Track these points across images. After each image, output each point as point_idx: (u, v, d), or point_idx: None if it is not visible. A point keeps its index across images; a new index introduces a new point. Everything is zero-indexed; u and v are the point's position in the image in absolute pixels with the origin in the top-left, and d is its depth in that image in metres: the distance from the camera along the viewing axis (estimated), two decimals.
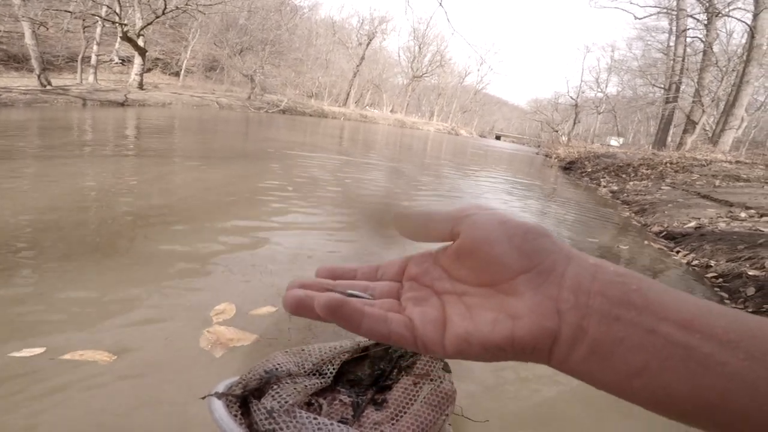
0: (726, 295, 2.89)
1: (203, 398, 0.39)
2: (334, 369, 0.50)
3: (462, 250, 0.26)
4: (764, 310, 2.50)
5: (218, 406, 0.37)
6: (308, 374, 0.47)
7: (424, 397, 0.51)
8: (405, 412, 0.49)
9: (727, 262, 3.38)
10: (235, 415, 0.38)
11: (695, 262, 3.63)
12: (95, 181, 3.52)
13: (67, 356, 1.35)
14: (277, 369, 0.45)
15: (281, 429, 0.35)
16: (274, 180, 4.49)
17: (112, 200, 3.05)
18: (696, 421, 0.21)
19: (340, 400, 0.46)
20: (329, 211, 3.64)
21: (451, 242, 0.27)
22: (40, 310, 1.61)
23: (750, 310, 2.57)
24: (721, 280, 3.16)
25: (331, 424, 0.36)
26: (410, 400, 0.50)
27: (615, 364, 0.21)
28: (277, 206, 3.50)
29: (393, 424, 0.46)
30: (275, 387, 0.41)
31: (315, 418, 0.37)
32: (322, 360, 0.49)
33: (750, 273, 2.99)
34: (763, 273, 2.94)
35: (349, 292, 0.27)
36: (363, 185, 5.16)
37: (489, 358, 0.24)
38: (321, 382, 0.47)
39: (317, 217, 3.41)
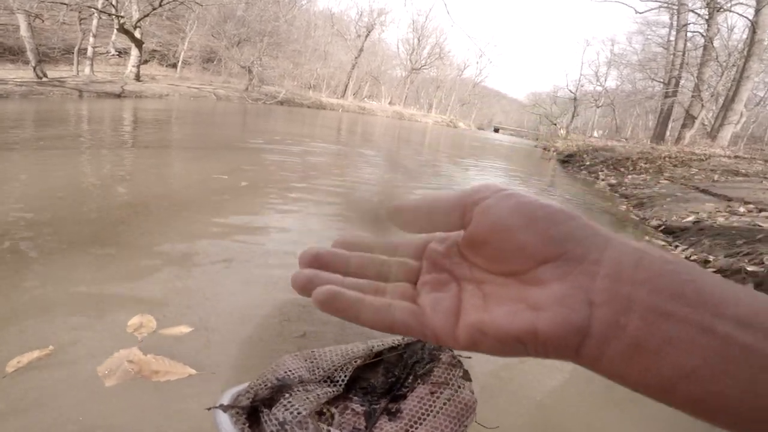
0: None
1: (208, 409, 0.38)
2: (345, 376, 0.47)
3: (475, 238, 0.23)
4: None
5: (224, 419, 0.35)
6: (320, 381, 0.45)
7: (442, 407, 0.47)
8: (420, 424, 0.46)
9: (725, 257, 3.40)
10: (242, 428, 0.37)
11: (694, 257, 3.64)
12: (88, 173, 3.50)
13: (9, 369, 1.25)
14: (288, 376, 0.43)
15: None
16: (267, 174, 4.48)
17: (97, 193, 3.03)
18: (750, 430, 0.18)
19: (353, 410, 0.44)
20: (321, 211, 3.63)
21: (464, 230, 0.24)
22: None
23: None
24: (719, 275, 3.17)
25: None
26: (427, 411, 0.47)
27: (659, 366, 0.18)
28: (269, 202, 3.50)
29: None
30: (287, 396, 0.39)
31: (329, 430, 0.36)
32: (334, 366, 0.47)
33: (749, 269, 3.00)
34: (762, 269, 2.95)
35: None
36: (358, 181, 5.15)
37: (507, 352, 0.21)
38: (333, 391, 0.45)
39: (309, 216, 3.41)
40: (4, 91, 9.22)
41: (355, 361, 0.51)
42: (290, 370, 0.44)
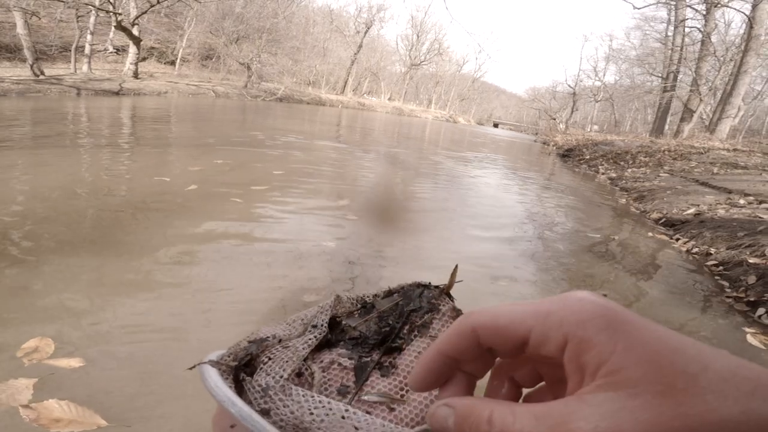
0: (727, 284, 2.92)
1: (192, 368, 0.33)
2: (326, 317, 0.41)
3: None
4: (765, 299, 2.53)
5: (212, 373, 0.32)
6: (299, 335, 0.40)
7: None
8: None
9: (727, 249, 3.42)
10: (231, 386, 0.33)
11: (695, 250, 3.66)
12: (82, 172, 3.50)
13: None
14: (264, 339, 0.38)
15: (278, 407, 0.31)
16: (263, 174, 4.48)
17: (85, 193, 3.03)
18: None
19: (339, 364, 0.38)
20: (319, 216, 3.64)
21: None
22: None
23: (751, 299, 2.60)
24: (721, 268, 3.19)
25: (329, 402, 0.31)
26: None
27: None
28: (264, 201, 3.50)
29: (402, 397, 0.37)
30: (265, 360, 0.35)
31: (312, 396, 0.32)
32: (313, 316, 0.42)
33: (750, 261, 3.02)
34: (764, 261, 2.97)
35: None
36: (358, 188, 5.15)
37: None
38: (314, 336, 0.39)
39: (311, 216, 3.41)
40: (1, 89, 9.18)
41: (335, 299, 0.43)
42: (265, 333, 0.39)
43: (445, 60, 46.18)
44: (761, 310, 2.44)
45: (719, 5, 14.70)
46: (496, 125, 51.05)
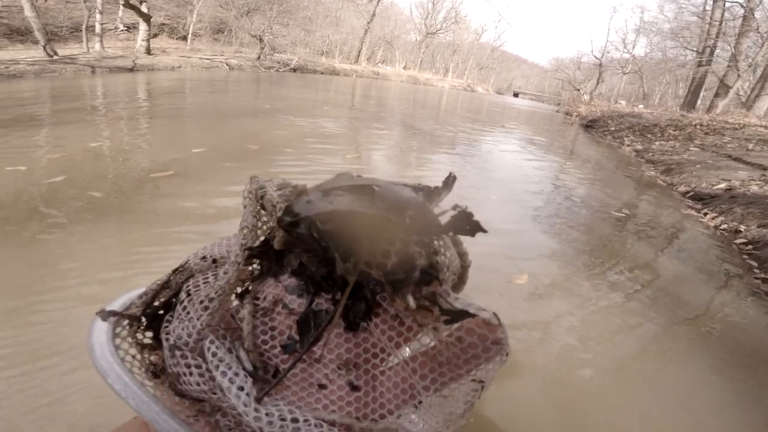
0: (755, 264, 2.74)
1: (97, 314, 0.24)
2: (253, 211, 0.25)
3: None
4: None
5: (101, 328, 0.22)
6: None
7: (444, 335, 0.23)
8: (403, 348, 0.23)
9: (758, 227, 3.20)
10: (126, 341, 0.23)
11: (724, 226, 3.45)
12: (103, 143, 3.48)
13: None
14: (190, 262, 0.25)
15: (185, 375, 0.20)
16: (280, 143, 4.38)
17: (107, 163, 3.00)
18: None
19: (285, 306, 0.22)
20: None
21: None
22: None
23: None
24: (750, 247, 2.99)
25: (238, 392, 0.19)
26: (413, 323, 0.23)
27: None
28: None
29: (380, 374, 0.22)
30: (183, 297, 0.23)
31: (224, 372, 0.19)
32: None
33: None
34: None
35: None
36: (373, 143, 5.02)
37: None
38: (242, 241, 0.23)
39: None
40: (17, 70, 9.25)
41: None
42: (200, 255, 0.25)
43: (463, 28, 44.55)
44: None
45: None
46: (516, 95, 49.43)
